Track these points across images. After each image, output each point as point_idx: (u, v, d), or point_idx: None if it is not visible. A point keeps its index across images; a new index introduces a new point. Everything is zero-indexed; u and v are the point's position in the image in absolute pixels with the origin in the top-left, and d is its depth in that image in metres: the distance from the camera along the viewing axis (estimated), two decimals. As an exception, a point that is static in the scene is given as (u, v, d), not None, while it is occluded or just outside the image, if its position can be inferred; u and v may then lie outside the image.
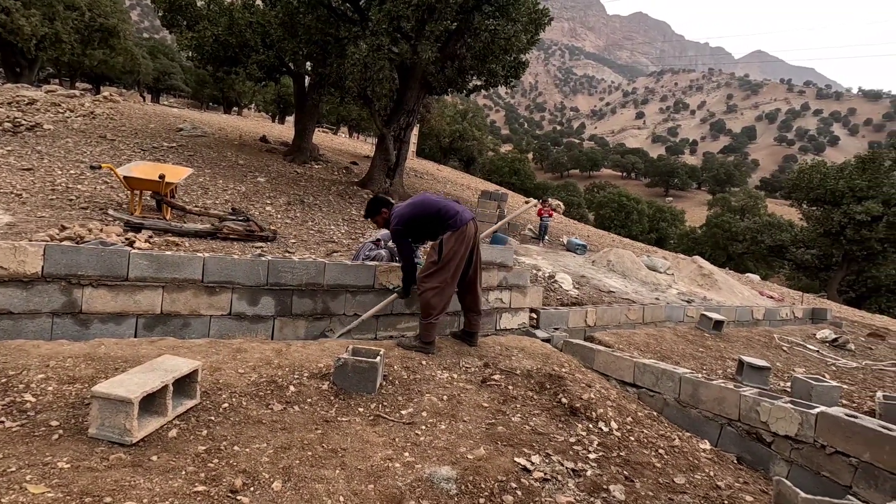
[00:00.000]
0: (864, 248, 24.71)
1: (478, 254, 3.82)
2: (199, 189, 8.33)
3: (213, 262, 3.49)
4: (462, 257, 3.64)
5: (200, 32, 12.73)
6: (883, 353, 6.80)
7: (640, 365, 3.97)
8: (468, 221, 3.69)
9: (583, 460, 2.39)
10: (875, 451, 2.68)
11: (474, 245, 3.75)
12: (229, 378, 2.71)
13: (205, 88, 45.60)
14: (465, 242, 3.64)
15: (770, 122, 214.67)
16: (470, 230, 3.68)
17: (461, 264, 3.66)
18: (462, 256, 3.64)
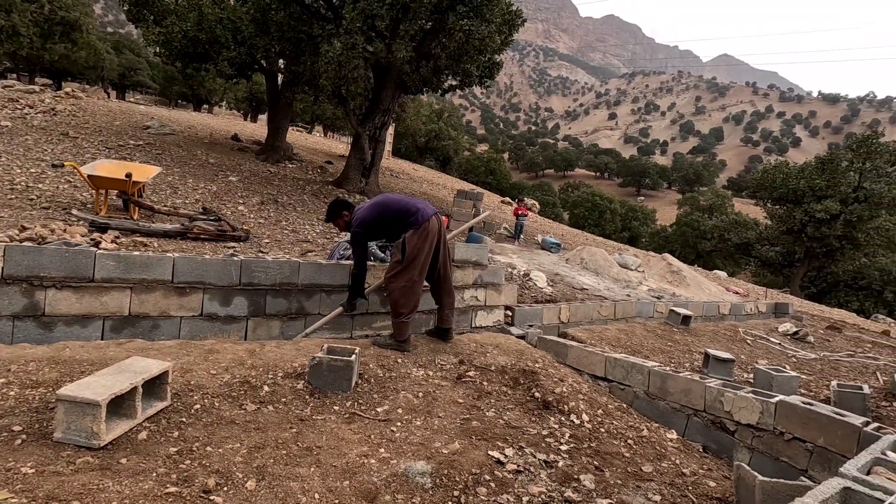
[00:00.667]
0: (823, 246, 25.82)
1: (445, 249, 3.78)
2: (167, 188, 8.14)
3: (183, 262, 3.43)
4: (427, 254, 3.61)
5: (168, 28, 12.41)
6: (839, 345, 7.13)
7: (611, 359, 4.07)
8: (430, 217, 3.63)
9: (555, 452, 2.45)
10: (829, 436, 2.83)
11: (440, 240, 3.71)
12: (201, 379, 2.68)
13: (173, 85, 44.41)
14: (428, 239, 3.59)
15: (736, 124, 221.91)
16: (433, 226, 3.63)
17: (427, 261, 3.63)
18: (427, 253, 3.60)
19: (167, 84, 45.48)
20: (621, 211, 46.04)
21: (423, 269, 3.63)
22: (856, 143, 26.19)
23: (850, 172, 25.55)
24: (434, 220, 3.67)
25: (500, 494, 2.03)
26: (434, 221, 3.66)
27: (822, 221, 25.16)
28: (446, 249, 3.81)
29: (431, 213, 3.66)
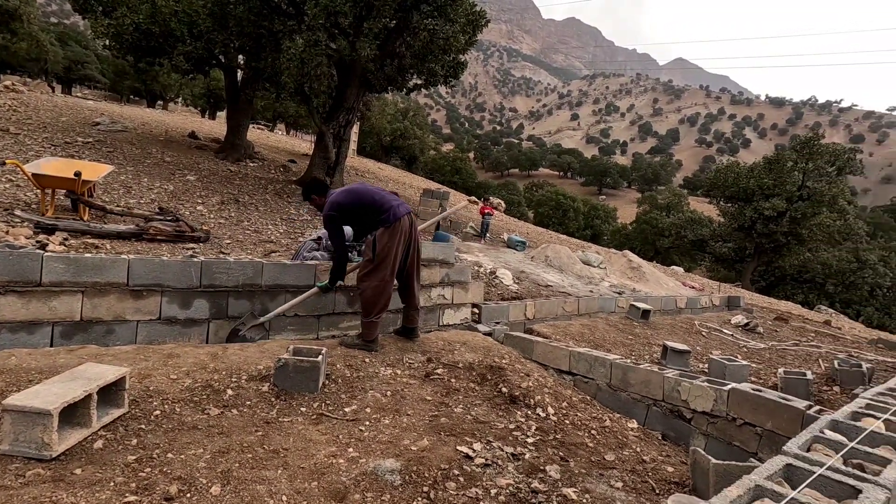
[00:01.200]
0: (771, 241, 27.24)
1: (415, 249, 3.76)
2: (120, 188, 7.78)
3: (139, 264, 3.30)
4: (397, 253, 3.59)
5: (119, 20, 11.82)
6: (786, 335, 7.56)
7: (574, 354, 4.19)
8: (402, 217, 3.59)
9: (521, 445, 2.50)
10: (776, 419, 3.01)
11: (411, 240, 3.70)
12: (161, 385, 2.59)
13: (125, 80, 42.41)
14: (399, 238, 3.57)
15: (691, 125, 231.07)
16: (404, 225, 3.61)
17: (397, 260, 3.62)
18: (397, 253, 3.59)
19: (118, 78, 43.35)
20: (584, 209, 47.14)
21: (394, 268, 3.61)
22: (799, 145, 27.75)
23: (794, 172, 27.04)
24: (406, 219, 3.64)
25: (469, 488, 2.06)
26: (406, 220, 3.64)
27: (770, 218, 26.55)
28: (416, 249, 3.79)
29: (404, 213, 3.63)
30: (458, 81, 13.76)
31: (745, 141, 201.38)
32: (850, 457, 1.34)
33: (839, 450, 1.35)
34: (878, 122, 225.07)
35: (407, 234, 3.65)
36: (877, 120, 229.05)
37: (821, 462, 1.23)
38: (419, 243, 3.83)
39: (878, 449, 1.38)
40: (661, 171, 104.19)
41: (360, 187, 3.80)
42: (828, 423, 1.62)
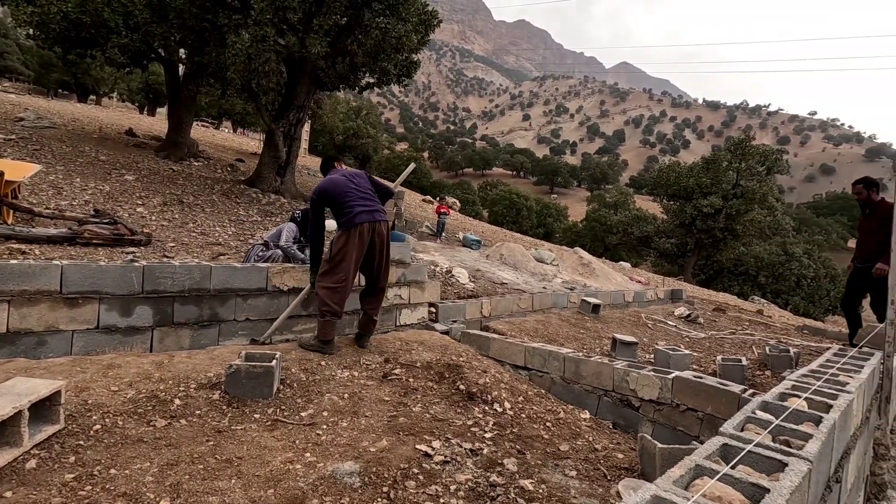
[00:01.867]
0: (710, 237, 28.94)
1: (381, 256, 3.69)
2: (49, 189, 7.24)
3: (73, 270, 3.09)
4: (356, 259, 3.54)
5: (44, 7, 10.99)
6: (724, 324, 8.06)
7: (529, 349, 4.29)
8: (362, 224, 3.51)
9: (479, 440, 2.54)
10: (715, 404, 3.21)
11: (375, 248, 3.62)
12: (100, 397, 2.45)
13: (51, 72, 39.42)
14: (354, 244, 3.51)
15: (636, 127, 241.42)
16: (363, 232, 3.52)
17: (356, 265, 3.57)
18: (356, 258, 3.54)
19: (44, 71, 40.23)
20: (537, 208, 48.27)
21: (350, 272, 3.55)
22: (733, 146, 29.63)
23: (729, 171, 28.85)
24: (366, 227, 3.54)
25: (429, 486, 2.07)
26: (366, 229, 3.54)
27: (708, 215, 28.20)
28: (383, 257, 3.70)
29: (365, 220, 3.53)
30: (412, 81, 13.72)
31: (685, 142, 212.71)
32: (777, 434, 1.46)
33: (768, 427, 1.47)
34: (801, 126, 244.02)
35: (366, 241, 3.56)
36: (800, 123, 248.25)
37: (752, 440, 1.33)
38: (385, 252, 3.72)
39: (802, 425, 1.52)
40: (609, 171, 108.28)
41: (340, 179, 3.71)
42: (759, 404, 1.75)
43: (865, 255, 5.05)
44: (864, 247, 5.09)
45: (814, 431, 1.44)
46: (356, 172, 3.90)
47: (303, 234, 4.88)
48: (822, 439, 1.38)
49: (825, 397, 1.87)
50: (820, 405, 1.78)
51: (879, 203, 5.04)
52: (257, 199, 10.49)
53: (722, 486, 1.10)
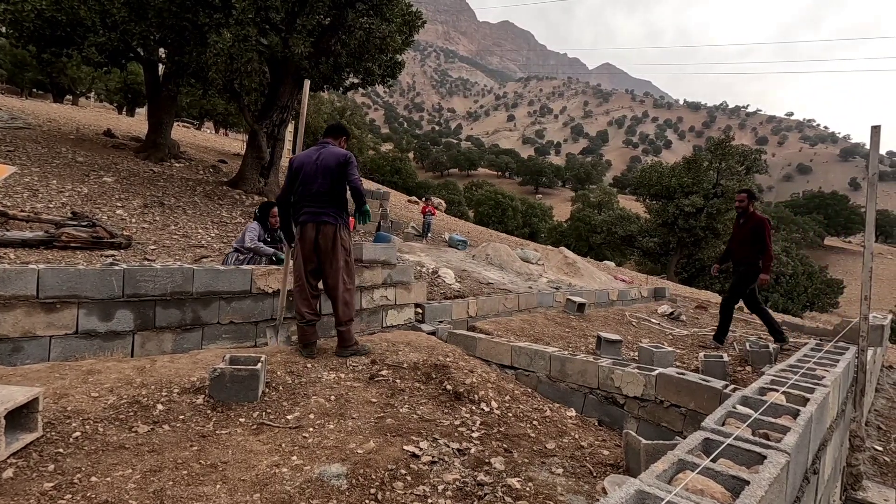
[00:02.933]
0: (691, 236, 29.40)
1: (327, 259, 3.47)
2: (25, 191, 7.07)
3: (51, 274, 3.02)
4: (305, 258, 3.47)
5: (17, 5, 10.72)
6: (706, 321, 8.20)
7: (516, 348, 4.31)
8: (304, 224, 3.43)
9: (467, 440, 2.55)
10: (697, 399, 3.26)
11: (317, 249, 3.44)
12: (80, 404, 2.40)
13: (25, 72, 38.33)
14: (301, 245, 3.47)
15: (619, 127, 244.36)
16: (306, 234, 3.43)
17: (304, 265, 3.48)
18: (305, 257, 3.47)
19: (17, 70, 39.09)
20: (522, 208, 48.50)
21: (303, 273, 3.48)
22: (713, 146, 30.14)
23: (710, 171, 29.36)
24: (309, 228, 3.41)
25: (417, 486, 2.07)
26: (309, 230, 3.42)
27: (690, 214, 28.66)
28: (329, 260, 3.48)
29: (308, 221, 3.42)
30: (396, 81, 13.69)
31: (666, 142, 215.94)
32: (757, 427, 1.49)
33: (748, 422, 1.50)
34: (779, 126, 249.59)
35: (309, 243, 3.44)
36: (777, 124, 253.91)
37: (731, 433, 1.36)
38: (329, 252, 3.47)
39: (781, 419, 1.56)
40: (593, 171, 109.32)
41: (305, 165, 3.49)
42: (739, 398, 1.79)
43: (739, 259, 5.58)
44: (738, 252, 5.61)
45: (791, 424, 1.48)
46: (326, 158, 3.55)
47: (265, 228, 4.93)
48: (800, 432, 1.42)
49: (802, 391, 1.92)
50: (797, 399, 1.82)
51: (752, 215, 5.61)
52: (240, 200, 10.36)
53: (704, 479, 1.13)
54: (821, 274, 35.01)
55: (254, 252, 4.68)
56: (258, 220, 4.96)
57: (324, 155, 3.51)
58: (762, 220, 5.46)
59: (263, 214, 4.97)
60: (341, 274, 3.50)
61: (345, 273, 3.53)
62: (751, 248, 5.44)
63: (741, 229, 5.62)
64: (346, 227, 3.55)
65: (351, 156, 3.55)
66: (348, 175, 3.48)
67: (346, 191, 3.53)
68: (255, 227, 4.85)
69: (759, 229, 5.39)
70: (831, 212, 75.55)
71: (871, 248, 3.04)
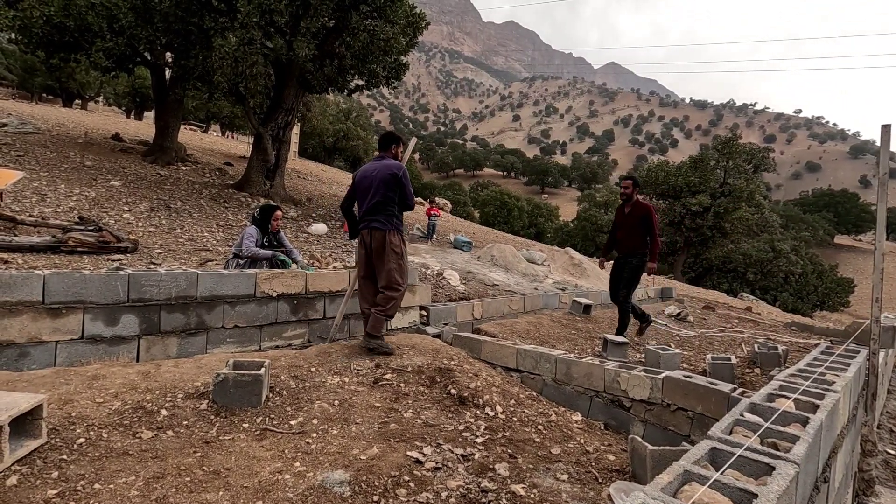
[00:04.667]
0: (698, 235, 29.19)
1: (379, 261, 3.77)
2: (33, 195, 7.14)
3: (56, 279, 3.04)
4: (361, 262, 3.87)
5: (26, 11, 10.85)
6: (713, 322, 8.13)
7: (521, 351, 4.29)
8: (363, 231, 3.79)
9: (471, 445, 2.53)
10: (705, 403, 3.22)
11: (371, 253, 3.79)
12: (85, 410, 2.40)
13: (35, 77, 38.80)
14: (360, 249, 3.86)
15: (625, 126, 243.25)
16: (363, 240, 3.81)
17: (362, 268, 3.88)
18: (361, 262, 3.87)
19: (27, 75, 39.58)
20: (528, 208, 48.36)
21: (361, 275, 3.88)
22: (720, 145, 29.92)
23: (717, 170, 29.16)
24: (364, 234, 3.79)
25: (420, 493, 2.06)
26: (364, 237, 3.79)
27: (697, 214, 28.46)
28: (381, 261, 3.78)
29: (364, 229, 3.80)
30: (401, 82, 13.70)
31: (673, 141, 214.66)
32: (766, 436, 1.46)
33: (756, 430, 1.47)
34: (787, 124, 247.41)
35: (365, 248, 3.83)
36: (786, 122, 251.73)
37: (741, 444, 1.33)
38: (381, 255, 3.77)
39: (789, 427, 1.53)
40: (599, 170, 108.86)
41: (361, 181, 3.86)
42: (747, 405, 1.76)
43: (628, 250, 5.43)
44: (626, 242, 5.46)
45: (801, 433, 1.45)
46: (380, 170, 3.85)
47: (263, 232, 4.80)
48: (809, 441, 1.38)
49: (812, 397, 1.89)
50: (807, 405, 1.79)
51: (638, 203, 5.46)
52: (246, 203, 10.41)
53: (710, 491, 1.10)
54: (831, 273, 34.65)
55: (251, 258, 4.55)
56: (257, 223, 4.78)
57: (379, 169, 3.83)
58: (648, 207, 5.34)
59: (264, 218, 4.80)
60: (393, 275, 3.79)
61: (396, 274, 3.79)
62: (641, 237, 5.29)
63: (628, 218, 5.44)
64: (397, 233, 3.82)
65: (403, 171, 3.85)
66: (403, 191, 3.85)
67: (398, 200, 3.86)
68: (253, 233, 4.67)
69: (648, 217, 5.25)
70: (841, 210, 74.71)
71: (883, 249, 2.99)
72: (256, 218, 4.82)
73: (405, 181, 3.78)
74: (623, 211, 5.53)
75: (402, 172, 3.80)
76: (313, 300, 4.26)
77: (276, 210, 4.85)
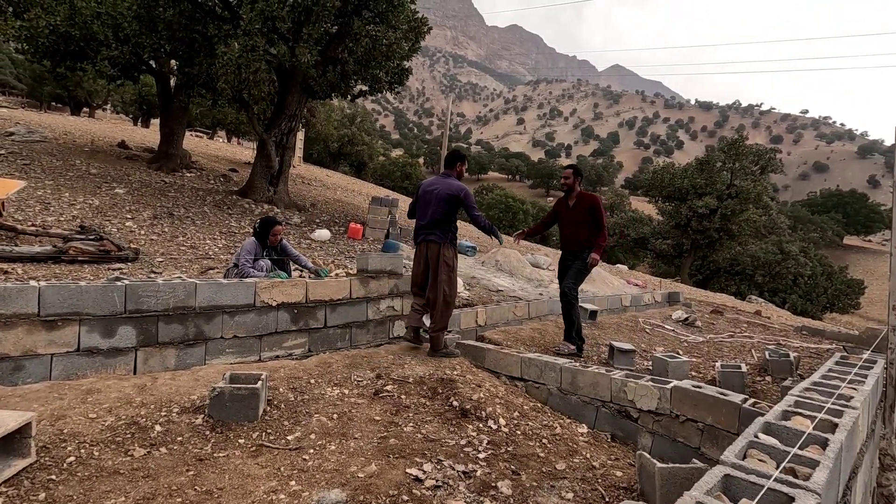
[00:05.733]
0: (705, 237, 28.92)
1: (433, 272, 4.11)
2: (37, 204, 7.14)
3: (52, 291, 3.00)
4: (416, 272, 4.22)
5: (32, 21, 10.94)
6: (722, 327, 7.99)
7: (525, 360, 4.20)
8: (419, 244, 4.15)
9: (473, 461, 2.45)
10: (715, 414, 3.12)
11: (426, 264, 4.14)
12: (77, 426, 2.35)
13: (44, 86, 39.24)
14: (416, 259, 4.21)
15: (630, 129, 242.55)
16: (419, 251, 4.19)
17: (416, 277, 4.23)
18: (415, 271, 4.22)
19: (37, 84, 40.04)
20: (533, 212, 48.13)
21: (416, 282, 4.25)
22: (726, 146, 29.66)
23: (723, 172, 28.90)
24: (421, 247, 4.14)
25: (419, 514, 1.98)
26: (421, 248, 4.15)
27: (703, 216, 28.20)
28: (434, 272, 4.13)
29: (421, 241, 4.15)
30: (405, 87, 13.69)
31: (678, 143, 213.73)
32: (782, 460, 1.38)
33: (772, 454, 1.39)
34: (794, 124, 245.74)
35: (421, 258, 4.18)
36: (792, 122, 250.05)
37: (756, 470, 1.25)
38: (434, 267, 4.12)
39: (808, 450, 1.44)
40: (604, 173, 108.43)
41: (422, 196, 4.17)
42: (761, 426, 1.68)
43: (576, 246, 5.03)
44: (572, 238, 5.07)
45: (820, 457, 1.37)
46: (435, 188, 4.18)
47: (263, 245, 4.66)
48: (830, 466, 1.30)
49: (830, 414, 1.80)
50: (825, 424, 1.70)
51: (582, 194, 5.06)
52: (250, 209, 10.40)
53: (724, 525, 1.03)
54: (841, 274, 34.21)
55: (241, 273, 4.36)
56: (258, 235, 4.64)
57: (439, 187, 4.12)
58: (594, 197, 4.98)
59: (264, 231, 4.66)
60: (442, 287, 4.07)
61: (445, 286, 4.08)
62: (588, 230, 4.91)
63: (573, 211, 5.02)
64: (451, 247, 4.13)
65: (466, 193, 4.12)
66: (469, 211, 4.16)
67: (453, 216, 4.14)
68: (250, 248, 4.53)
69: (595, 209, 4.90)
70: (850, 210, 73.82)
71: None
72: (257, 230, 4.70)
73: (467, 202, 4.10)
74: (567, 204, 5.10)
75: (464, 194, 4.10)
76: (314, 309, 4.21)
77: (275, 225, 4.66)
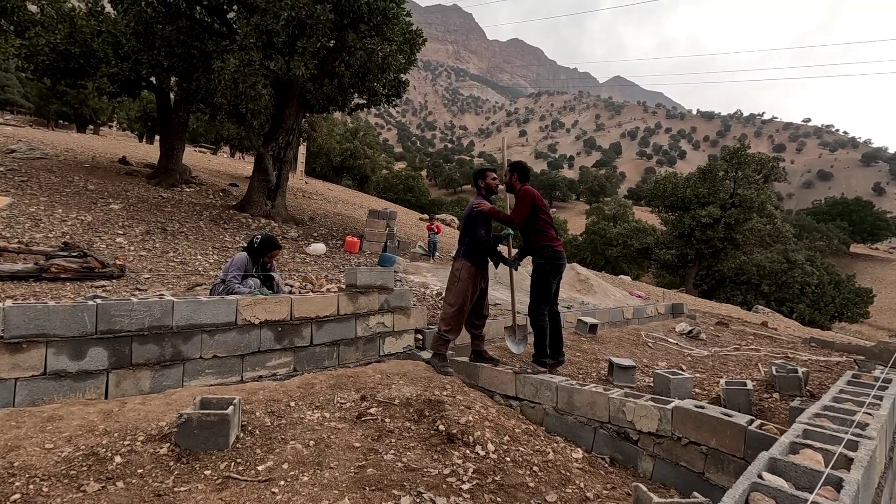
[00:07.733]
0: (709, 247, 28.64)
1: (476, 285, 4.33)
2: (27, 221, 7.06)
3: (17, 312, 2.86)
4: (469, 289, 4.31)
5: (32, 40, 11.01)
6: (727, 339, 7.76)
7: (520, 378, 4.02)
8: (460, 257, 4.29)
9: (455, 493, 2.27)
10: (719, 437, 2.93)
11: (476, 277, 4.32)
12: (31, 458, 2.19)
13: (50, 104, 39.75)
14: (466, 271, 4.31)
15: (632, 139, 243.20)
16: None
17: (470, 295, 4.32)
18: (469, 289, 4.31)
19: (43, 102, 40.58)
20: (535, 222, 47.89)
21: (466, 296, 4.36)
22: (729, 155, 29.51)
23: (726, 181, 28.71)
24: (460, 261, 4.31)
25: (392, 556, 1.80)
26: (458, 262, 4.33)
27: (707, 225, 27.95)
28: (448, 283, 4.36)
29: (461, 255, 4.30)
30: (403, 100, 13.68)
31: (681, 153, 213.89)
32: (789, 505, 1.21)
33: (779, 498, 1.22)
34: (797, 133, 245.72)
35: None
36: (795, 130, 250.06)
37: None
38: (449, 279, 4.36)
39: (820, 493, 1.27)
40: (607, 184, 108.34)
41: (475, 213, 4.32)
42: (766, 463, 1.50)
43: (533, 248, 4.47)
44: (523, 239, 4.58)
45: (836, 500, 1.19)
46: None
47: (254, 262, 4.48)
48: (844, 514, 1.13)
49: (844, 447, 1.62)
50: (839, 459, 1.52)
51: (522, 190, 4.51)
52: (246, 224, 10.31)
53: None
54: (848, 283, 33.76)
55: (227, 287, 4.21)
56: (252, 252, 4.44)
57: (468, 206, 4.42)
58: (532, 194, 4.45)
59: (262, 250, 4.46)
60: (446, 296, 4.31)
61: (448, 294, 4.30)
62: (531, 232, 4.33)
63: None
64: (463, 259, 4.25)
65: (472, 212, 4.30)
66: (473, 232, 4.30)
67: (470, 233, 4.29)
68: (240, 264, 4.34)
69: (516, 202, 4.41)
70: (856, 218, 73.21)
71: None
72: (254, 246, 4.47)
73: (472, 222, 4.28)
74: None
75: (474, 213, 4.29)
76: (299, 327, 4.05)
77: (276, 249, 4.55)
